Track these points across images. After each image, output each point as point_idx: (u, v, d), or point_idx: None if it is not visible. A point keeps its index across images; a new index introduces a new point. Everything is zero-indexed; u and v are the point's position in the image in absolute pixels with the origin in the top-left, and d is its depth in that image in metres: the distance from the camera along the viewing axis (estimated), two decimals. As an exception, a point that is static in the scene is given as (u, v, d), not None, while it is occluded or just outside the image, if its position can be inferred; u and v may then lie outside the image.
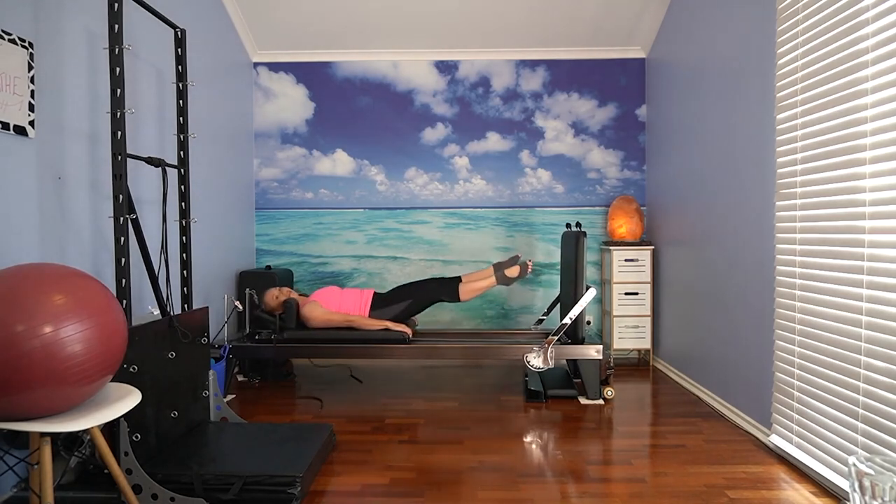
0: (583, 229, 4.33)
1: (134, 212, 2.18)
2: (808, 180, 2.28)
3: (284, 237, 4.46)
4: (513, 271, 3.52)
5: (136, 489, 1.97)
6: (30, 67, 2.17)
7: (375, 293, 3.58)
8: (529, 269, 3.52)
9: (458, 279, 3.55)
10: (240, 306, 3.69)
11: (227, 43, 3.94)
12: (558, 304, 3.88)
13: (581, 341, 3.35)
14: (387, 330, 3.40)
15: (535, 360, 3.29)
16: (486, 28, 4.13)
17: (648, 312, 4.08)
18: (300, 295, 3.66)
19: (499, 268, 3.58)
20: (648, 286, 4.08)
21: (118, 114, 2.11)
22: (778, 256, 2.49)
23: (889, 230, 1.86)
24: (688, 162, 3.60)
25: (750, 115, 2.79)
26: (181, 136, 2.62)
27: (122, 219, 2.12)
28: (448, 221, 4.46)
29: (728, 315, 3.03)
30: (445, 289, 3.50)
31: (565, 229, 4.38)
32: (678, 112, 3.75)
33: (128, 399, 1.72)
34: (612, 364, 3.34)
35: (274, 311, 3.57)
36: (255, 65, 4.41)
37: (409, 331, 3.39)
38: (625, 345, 4.12)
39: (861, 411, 1.97)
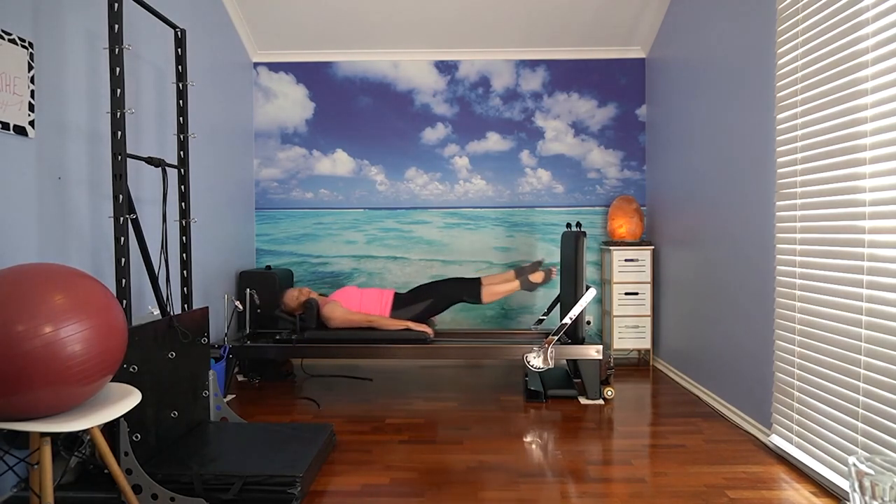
0: (583, 229, 4.33)
1: (134, 212, 2.18)
2: (808, 180, 2.28)
3: (284, 237, 4.46)
4: (537, 276, 3.51)
5: (136, 489, 1.97)
6: (30, 67, 2.17)
7: (396, 293, 3.57)
8: (553, 275, 3.52)
9: (478, 281, 3.54)
10: (240, 306, 3.69)
11: (227, 43, 3.94)
12: (558, 304, 3.88)
13: (581, 341, 3.35)
14: (408, 330, 3.39)
15: (536, 360, 3.29)
16: (486, 28, 4.13)
17: (648, 312, 4.08)
18: (320, 295, 3.65)
19: (521, 273, 3.57)
20: (648, 286, 4.08)
21: (118, 114, 2.11)
22: (778, 256, 2.49)
23: (889, 230, 1.86)
24: (688, 162, 3.60)
25: (750, 115, 2.79)
26: (181, 136, 2.62)
27: (122, 219, 2.12)
28: (448, 221, 4.46)
29: (728, 315, 3.03)
30: (468, 289, 3.49)
31: (565, 229, 4.39)
32: (678, 112, 3.75)
33: (128, 399, 1.72)
34: (612, 364, 3.34)
35: (294, 312, 3.56)
36: (255, 65, 4.41)
37: (430, 331, 3.39)
38: (625, 345, 4.12)
39: (861, 411, 1.97)
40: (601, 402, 3.27)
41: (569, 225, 3.80)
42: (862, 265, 1.98)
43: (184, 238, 2.64)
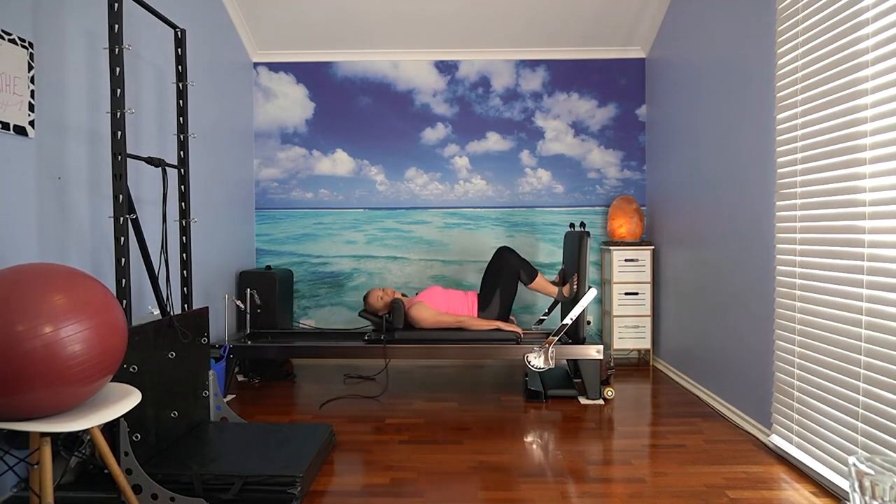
0: (586, 229, 4.33)
1: (134, 212, 2.18)
2: (808, 180, 2.28)
3: (284, 237, 4.46)
4: (566, 290, 3.51)
5: (136, 489, 1.97)
6: (30, 67, 2.17)
7: (477, 294, 3.57)
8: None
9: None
10: (241, 306, 3.69)
11: (227, 43, 3.94)
12: (559, 304, 3.88)
13: (582, 341, 3.35)
14: (498, 330, 3.39)
15: (536, 360, 3.29)
16: (486, 28, 4.13)
17: (648, 312, 4.08)
18: (403, 296, 3.65)
19: (555, 284, 3.57)
20: (648, 286, 4.08)
21: (118, 114, 2.11)
22: (778, 256, 2.49)
23: (889, 230, 1.86)
24: (688, 162, 3.60)
25: (750, 115, 2.79)
26: (181, 136, 2.62)
27: (122, 219, 2.12)
28: (448, 221, 4.45)
29: (728, 315, 3.03)
30: (526, 266, 3.48)
31: (569, 229, 4.39)
32: (678, 112, 3.75)
33: (128, 399, 1.72)
34: (612, 364, 3.34)
35: (378, 312, 3.55)
36: (255, 65, 4.41)
37: (521, 331, 3.39)
38: (625, 345, 4.12)
39: (861, 411, 1.97)
40: (601, 402, 3.27)
41: (572, 225, 3.80)
42: (862, 265, 1.98)
43: (184, 238, 2.64)
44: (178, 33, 2.63)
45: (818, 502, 2.07)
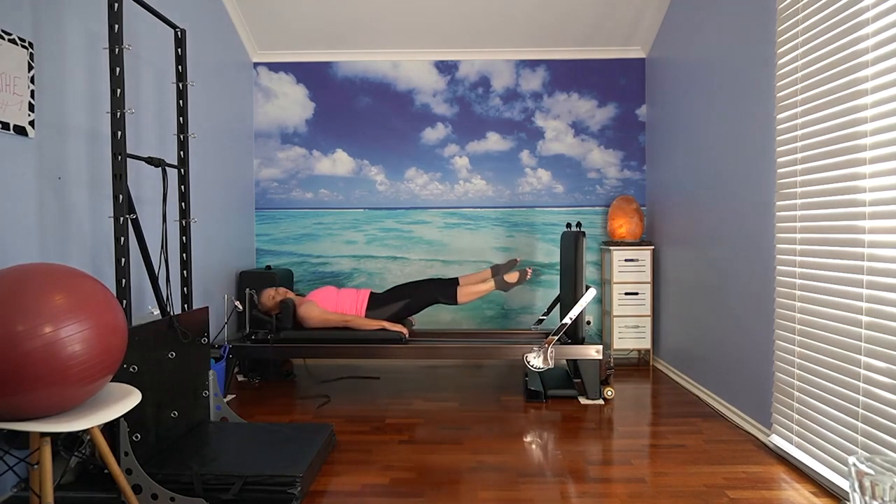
0: (582, 229, 4.33)
1: (134, 212, 2.18)
2: (808, 180, 2.28)
3: (284, 237, 4.46)
4: (512, 277, 3.50)
5: (136, 489, 1.97)
6: (30, 67, 2.17)
7: (372, 293, 3.58)
8: (528, 276, 3.51)
9: (455, 281, 3.54)
10: (240, 306, 3.69)
11: (227, 43, 3.94)
12: (558, 304, 3.88)
13: (581, 341, 3.35)
14: (383, 330, 3.39)
15: (536, 360, 3.29)
16: (486, 28, 4.13)
17: (648, 312, 4.08)
18: (297, 295, 3.66)
19: (497, 271, 3.58)
20: (648, 286, 4.08)
21: (118, 114, 2.11)
22: (778, 256, 2.49)
23: (889, 230, 1.86)
24: (688, 162, 3.60)
25: (750, 115, 2.79)
26: (181, 136, 2.62)
27: (122, 219, 2.12)
28: (448, 221, 4.46)
29: (728, 315, 3.03)
30: (443, 291, 3.49)
31: (565, 229, 4.38)
32: (678, 112, 3.75)
33: (128, 399, 1.72)
34: (612, 364, 3.33)
35: (270, 312, 3.57)
36: (255, 65, 4.41)
37: (405, 331, 3.39)
38: (625, 345, 4.12)
39: (861, 411, 1.97)
40: (601, 402, 3.27)
41: (569, 225, 3.80)
42: (862, 265, 1.98)
43: (184, 238, 2.64)
44: (178, 33, 2.62)
45: (818, 502, 2.07)
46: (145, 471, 2.03)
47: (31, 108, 2.18)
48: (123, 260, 2.11)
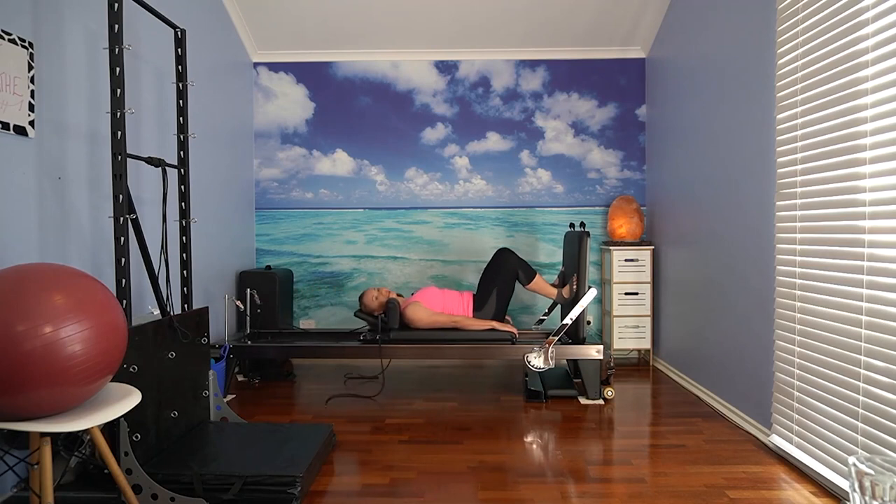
0: (586, 229, 4.33)
1: (134, 212, 2.18)
2: (808, 180, 2.28)
3: (284, 237, 4.46)
4: (566, 291, 3.51)
5: (136, 489, 1.97)
6: (30, 67, 2.17)
7: (473, 294, 3.57)
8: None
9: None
10: (241, 306, 3.69)
11: (227, 43, 3.94)
12: (559, 305, 3.88)
13: (582, 341, 3.35)
14: (493, 330, 3.39)
15: (536, 360, 3.29)
16: (486, 28, 4.13)
17: (648, 312, 4.08)
18: (398, 296, 3.64)
19: (555, 286, 3.57)
20: (648, 286, 4.08)
21: (118, 114, 2.11)
22: (778, 256, 2.49)
23: (889, 230, 1.86)
24: (688, 162, 3.60)
25: (750, 115, 2.79)
26: (181, 136, 2.62)
27: (122, 219, 2.12)
28: (448, 221, 4.45)
29: (728, 315, 3.03)
30: (524, 267, 3.47)
31: (569, 229, 4.38)
32: (678, 112, 3.75)
33: (128, 399, 1.72)
34: (612, 364, 3.33)
35: (374, 312, 3.54)
36: (255, 65, 4.41)
37: (515, 331, 3.39)
38: (625, 345, 4.12)
39: (861, 411, 1.97)
40: (601, 402, 3.27)
41: (572, 225, 3.80)
42: (862, 265, 1.98)
43: (184, 238, 2.64)
44: (178, 33, 2.62)
45: (818, 502, 2.07)
46: (145, 471, 2.03)
47: (31, 108, 2.18)
48: (123, 260, 2.11)
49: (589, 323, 4.11)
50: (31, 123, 2.18)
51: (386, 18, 4.03)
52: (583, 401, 3.29)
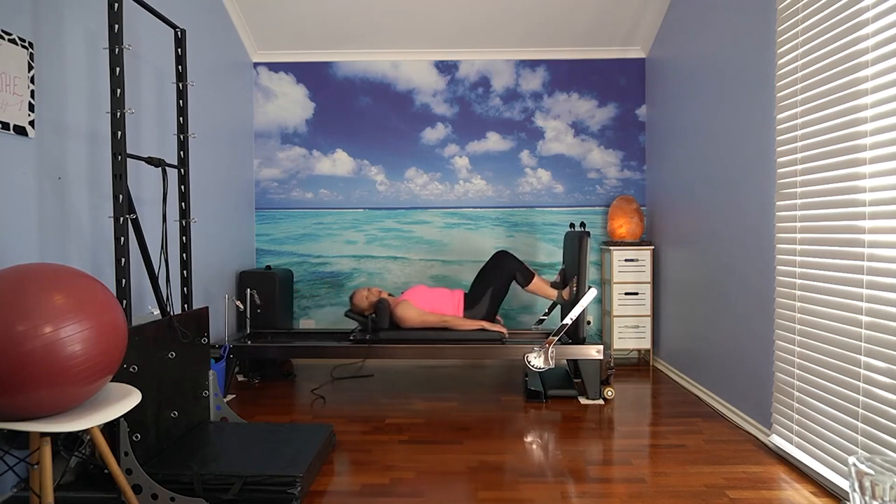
0: (587, 229, 4.33)
1: (134, 212, 2.18)
2: (808, 180, 2.28)
3: (284, 237, 4.46)
4: (566, 293, 3.51)
5: (136, 489, 1.97)
6: (30, 67, 2.17)
7: (465, 293, 3.57)
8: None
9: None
10: (240, 306, 3.69)
11: (227, 43, 3.94)
12: (559, 305, 3.88)
13: (582, 341, 3.35)
14: (483, 330, 3.39)
15: (536, 360, 3.29)
16: (486, 28, 4.13)
17: (648, 312, 4.08)
18: (389, 295, 3.64)
19: (554, 287, 3.57)
20: (648, 286, 4.08)
21: (118, 114, 2.11)
22: (778, 256, 2.49)
23: (889, 230, 1.86)
24: (688, 162, 3.60)
25: (750, 115, 2.79)
26: (181, 136, 2.62)
27: (122, 219, 2.12)
28: (448, 221, 4.45)
29: (728, 315, 3.03)
30: (522, 269, 3.46)
31: (569, 229, 4.38)
32: (678, 112, 3.75)
33: (128, 399, 1.72)
34: (612, 364, 3.33)
35: (364, 312, 3.54)
36: (255, 65, 4.41)
37: (505, 331, 3.39)
38: (625, 345, 4.12)
39: (861, 411, 1.97)
40: (601, 402, 3.27)
41: (572, 225, 3.80)
42: (862, 265, 1.98)
43: (184, 238, 2.64)
44: (178, 33, 2.62)
45: (818, 502, 2.07)
46: (145, 471, 2.03)
47: (31, 108, 2.18)
48: (123, 260, 2.11)
49: (589, 323, 4.11)
50: (31, 123, 2.18)
51: (386, 18, 4.03)
52: (583, 401, 3.29)
